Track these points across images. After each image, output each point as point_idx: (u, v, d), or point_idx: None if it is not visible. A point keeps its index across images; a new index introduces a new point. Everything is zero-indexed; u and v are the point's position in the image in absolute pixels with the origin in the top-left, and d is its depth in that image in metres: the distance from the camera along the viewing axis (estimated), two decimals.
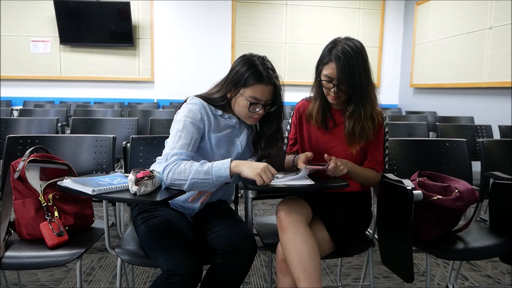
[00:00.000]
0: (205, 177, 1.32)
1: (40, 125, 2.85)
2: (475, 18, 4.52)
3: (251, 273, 2.32)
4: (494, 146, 2.02)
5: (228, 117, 1.54)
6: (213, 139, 1.49)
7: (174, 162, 1.35)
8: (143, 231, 1.41)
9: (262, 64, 1.45)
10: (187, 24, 6.15)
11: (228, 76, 1.50)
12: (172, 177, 1.32)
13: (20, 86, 6.09)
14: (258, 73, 1.43)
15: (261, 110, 1.47)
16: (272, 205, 3.59)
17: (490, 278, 2.30)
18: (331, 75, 1.47)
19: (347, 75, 1.43)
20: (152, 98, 6.25)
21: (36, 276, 2.19)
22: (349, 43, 1.45)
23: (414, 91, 6.13)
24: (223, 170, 1.32)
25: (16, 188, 1.50)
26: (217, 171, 1.32)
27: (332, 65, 1.45)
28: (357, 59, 1.43)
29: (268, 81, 1.44)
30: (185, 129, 1.41)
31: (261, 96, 1.44)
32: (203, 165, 1.33)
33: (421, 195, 1.41)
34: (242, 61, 1.47)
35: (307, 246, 1.38)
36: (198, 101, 1.49)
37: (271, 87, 1.45)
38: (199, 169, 1.32)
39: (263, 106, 1.46)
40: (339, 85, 1.46)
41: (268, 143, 1.58)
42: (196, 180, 1.32)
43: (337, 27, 6.29)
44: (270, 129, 1.56)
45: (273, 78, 1.45)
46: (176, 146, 1.38)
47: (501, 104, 4.17)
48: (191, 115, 1.44)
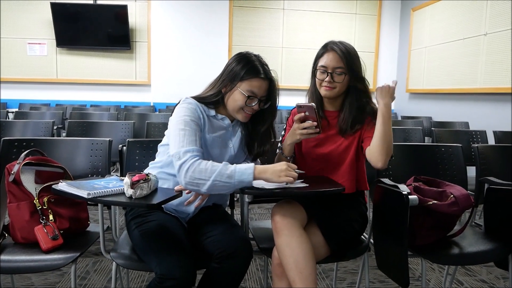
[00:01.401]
0: (228, 180, 1.29)
1: (36, 127, 2.84)
2: (470, 25, 4.56)
3: (246, 277, 2.31)
4: (489, 151, 2.03)
5: (221, 118, 1.55)
6: (207, 140, 1.49)
7: (192, 159, 1.32)
8: (137, 236, 1.41)
9: (258, 60, 1.49)
10: (184, 27, 6.16)
11: (223, 72, 1.52)
12: (192, 175, 1.30)
13: (16, 89, 6.06)
14: (255, 68, 1.46)
15: (256, 105, 1.48)
16: (268, 209, 3.59)
17: (485, 283, 2.31)
18: (326, 64, 1.55)
19: (344, 58, 1.52)
20: (148, 102, 6.24)
21: (30, 280, 2.17)
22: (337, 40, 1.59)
23: (410, 96, 6.16)
24: (246, 176, 1.30)
25: (10, 191, 1.49)
26: (240, 176, 1.30)
27: (328, 54, 1.56)
28: (351, 50, 1.56)
29: (265, 76, 1.47)
30: (187, 127, 1.40)
31: (258, 91, 1.46)
32: (227, 167, 1.31)
33: (416, 200, 1.42)
34: (238, 57, 1.50)
35: (302, 249, 1.38)
36: (192, 100, 1.49)
37: (267, 82, 1.48)
38: (223, 171, 1.29)
39: (258, 101, 1.47)
40: (334, 71, 1.53)
41: (262, 141, 1.59)
42: (218, 182, 1.29)
43: (333, 32, 6.32)
44: (264, 126, 1.57)
45: (269, 73, 1.49)
46: (185, 144, 1.35)
47: (496, 109, 4.20)
48: (189, 113, 1.43)
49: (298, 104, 1.49)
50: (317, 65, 1.58)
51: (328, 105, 1.66)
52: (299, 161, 1.66)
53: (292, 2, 6.26)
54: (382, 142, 1.46)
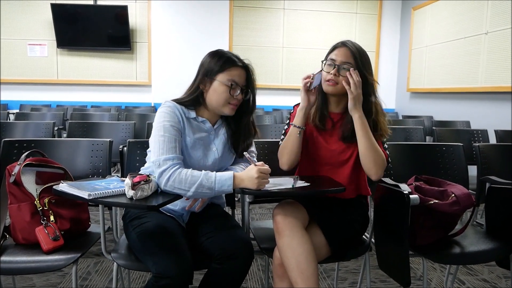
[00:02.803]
0: (208, 191, 1.36)
1: (37, 128, 2.84)
2: (471, 24, 4.56)
3: (248, 277, 2.31)
4: (490, 150, 2.03)
5: (202, 121, 1.54)
6: (188, 142, 1.48)
7: (172, 168, 1.35)
8: (134, 238, 1.41)
9: (231, 53, 1.53)
10: (184, 28, 6.16)
11: (198, 72, 1.53)
12: (172, 184, 1.33)
13: (16, 90, 6.07)
14: (230, 58, 1.49)
15: (240, 95, 1.49)
16: (269, 209, 3.59)
17: (486, 282, 2.30)
18: (335, 57, 1.53)
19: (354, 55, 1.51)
20: (149, 102, 6.24)
21: (32, 281, 2.17)
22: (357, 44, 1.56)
23: (411, 96, 6.15)
24: (226, 187, 1.36)
25: (11, 192, 1.49)
26: (220, 187, 1.35)
27: (340, 49, 1.54)
28: (364, 52, 1.55)
29: (241, 64, 1.49)
30: (167, 133, 1.41)
31: (238, 79, 1.48)
32: (207, 178, 1.35)
33: (417, 199, 1.41)
34: (210, 54, 1.53)
35: (304, 250, 1.37)
36: (171, 103, 1.50)
37: (244, 71, 1.50)
38: (203, 182, 1.34)
39: (241, 89, 1.48)
40: (342, 65, 1.50)
41: (245, 135, 1.58)
42: (199, 192, 1.35)
43: (334, 31, 6.31)
44: (246, 118, 1.57)
45: (244, 62, 1.52)
46: (164, 151, 1.38)
47: (497, 108, 4.19)
48: (168, 118, 1.45)
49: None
50: (328, 58, 1.56)
51: (333, 107, 1.63)
52: (300, 161, 1.65)
53: (293, 2, 6.26)
54: (369, 155, 1.49)
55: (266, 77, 6.09)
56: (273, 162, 1.62)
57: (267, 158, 1.84)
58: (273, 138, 3.17)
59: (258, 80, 1.55)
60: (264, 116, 4.47)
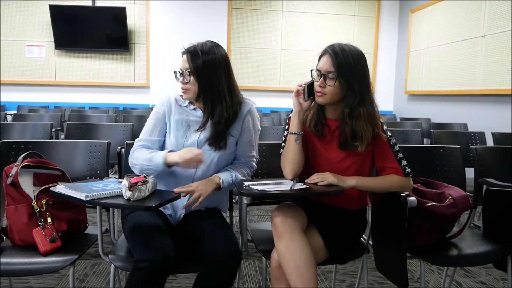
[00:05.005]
0: (149, 164, 1.49)
1: (34, 130, 2.83)
2: (468, 26, 4.58)
3: (245, 279, 2.31)
4: (488, 152, 2.03)
5: (193, 108, 1.62)
6: (172, 123, 1.59)
7: (135, 149, 1.57)
8: (125, 227, 1.48)
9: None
10: (183, 29, 6.17)
11: None
12: (131, 160, 1.56)
13: (14, 91, 6.06)
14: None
15: (181, 79, 1.58)
16: (267, 211, 3.59)
17: (484, 284, 2.31)
18: (319, 67, 1.48)
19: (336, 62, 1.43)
20: (147, 104, 6.24)
21: (29, 283, 2.16)
22: (344, 43, 1.48)
23: (409, 98, 6.17)
24: (159, 159, 1.46)
25: (8, 194, 1.48)
26: (156, 159, 1.47)
27: (323, 57, 1.49)
28: (351, 55, 1.44)
29: (185, 52, 1.62)
30: (151, 119, 1.62)
31: (182, 65, 1.60)
32: (150, 154, 1.51)
33: (415, 201, 1.42)
34: None
35: (304, 253, 1.37)
36: (170, 94, 1.66)
37: (186, 55, 1.60)
38: (147, 157, 1.50)
39: (181, 74, 1.59)
40: (326, 74, 1.45)
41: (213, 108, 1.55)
42: (143, 165, 1.50)
43: (332, 34, 6.33)
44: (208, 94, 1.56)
45: (189, 47, 1.63)
46: (142, 134, 1.62)
47: (494, 111, 4.21)
48: (157, 107, 1.64)
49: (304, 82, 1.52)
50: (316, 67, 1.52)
51: (330, 113, 1.57)
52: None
53: (291, 4, 6.27)
54: (384, 190, 1.52)
55: (264, 79, 6.07)
56: (272, 164, 1.61)
57: (265, 160, 1.84)
58: (271, 140, 3.17)
59: (256, 81, 1.55)
60: (262, 118, 4.47)
